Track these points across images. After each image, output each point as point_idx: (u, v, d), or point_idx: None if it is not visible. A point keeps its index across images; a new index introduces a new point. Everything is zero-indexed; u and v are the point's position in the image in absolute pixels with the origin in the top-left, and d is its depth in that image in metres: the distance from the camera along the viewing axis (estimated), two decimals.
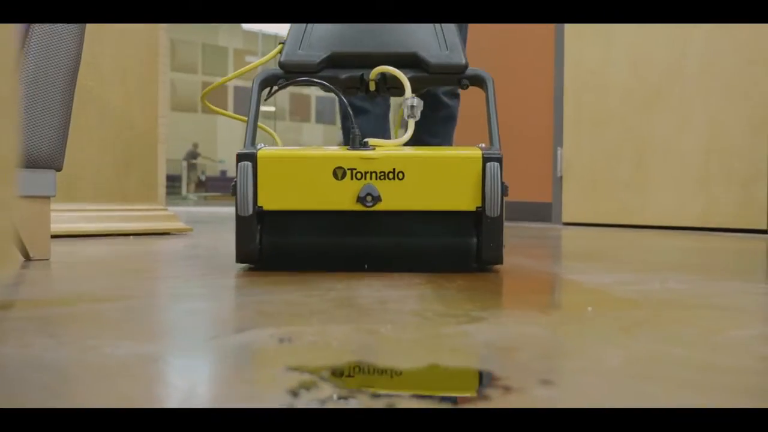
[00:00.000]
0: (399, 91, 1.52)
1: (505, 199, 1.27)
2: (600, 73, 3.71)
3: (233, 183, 1.28)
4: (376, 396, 0.51)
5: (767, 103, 3.16)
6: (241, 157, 1.27)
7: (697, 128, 3.37)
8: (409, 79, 1.44)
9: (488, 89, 1.49)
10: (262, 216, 1.29)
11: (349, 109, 1.46)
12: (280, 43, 1.54)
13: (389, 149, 1.31)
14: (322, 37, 1.51)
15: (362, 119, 2.39)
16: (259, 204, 1.27)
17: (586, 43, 3.75)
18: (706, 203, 3.34)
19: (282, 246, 1.30)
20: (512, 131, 3.87)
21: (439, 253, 1.29)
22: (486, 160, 1.27)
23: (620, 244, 2.34)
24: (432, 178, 1.27)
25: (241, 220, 1.27)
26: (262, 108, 1.51)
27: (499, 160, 1.26)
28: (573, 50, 3.82)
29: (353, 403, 0.49)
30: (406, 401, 0.50)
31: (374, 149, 1.30)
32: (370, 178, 1.27)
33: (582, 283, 1.22)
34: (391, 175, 1.27)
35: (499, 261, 1.28)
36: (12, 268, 0.59)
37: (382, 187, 1.27)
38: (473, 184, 1.26)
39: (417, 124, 2.20)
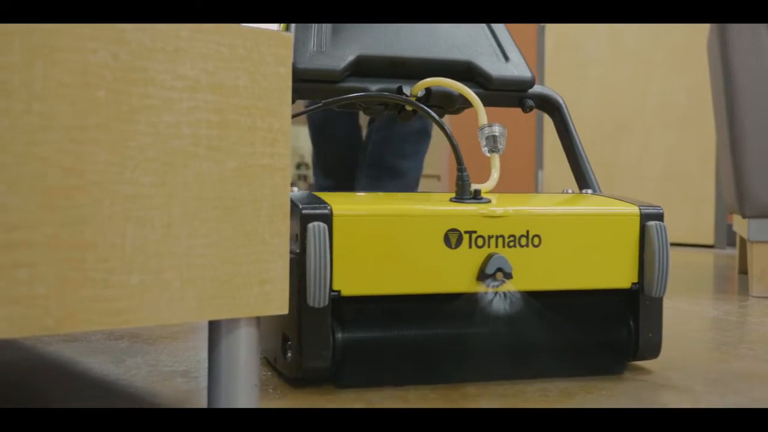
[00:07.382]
0: (442, 110, 1.14)
1: None
2: (575, 107, 4.26)
3: (294, 256, 0.81)
4: None
5: (713, 137, 3.72)
6: (308, 217, 0.80)
7: (656, 156, 3.94)
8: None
9: (564, 114, 1.19)
10: (338, 305, 0.84)
11: (452, 138, 0.97)
12: None
13: (514, 202, 0.93)
14: (343, 35, 1.09)
15: (329, 144, 1.93)
16: (335, 288, 0.82)
17: (563, 81, 4.31)
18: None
19: (367, 349, 0.87)
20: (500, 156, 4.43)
21: (573, 348, 0.94)
22: (646, 217, 0.97)
23: None
24: (576, 244, 0.92)
25: (309, 315, 0.81)
26: None
27: (662, 217, 0.97)
28: (552, 86, 4.37)
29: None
30: None
31: (491, 201, 0.92)
32: (496, 245, 0.88)
33: None
34: (523, 241, 0.89)
35: (657, 354, 0.98)
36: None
37: (512, 258, 0.88)
38: (629, 251, 0.95)
39: (380, 142, 1.93)
